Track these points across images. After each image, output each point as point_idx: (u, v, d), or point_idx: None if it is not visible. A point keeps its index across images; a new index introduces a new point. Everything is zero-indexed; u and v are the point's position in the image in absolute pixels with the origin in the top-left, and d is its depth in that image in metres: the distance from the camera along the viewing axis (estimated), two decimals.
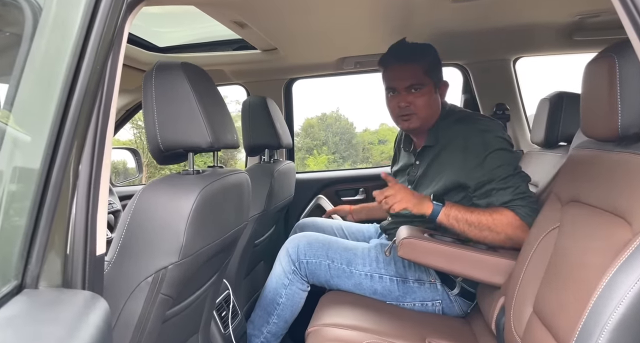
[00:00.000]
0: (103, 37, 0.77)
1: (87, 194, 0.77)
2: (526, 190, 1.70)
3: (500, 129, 1.82)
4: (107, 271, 1.00)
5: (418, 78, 1.87)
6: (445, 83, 1.94)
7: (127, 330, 0.99)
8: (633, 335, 0.83)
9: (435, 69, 1.91)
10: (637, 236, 0.90)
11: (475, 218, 1.68)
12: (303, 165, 16.78)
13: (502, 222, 1.66)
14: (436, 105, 1.92)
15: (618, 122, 1.03)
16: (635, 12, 0.78)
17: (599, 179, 1.16)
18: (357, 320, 1.73)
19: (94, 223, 0.79)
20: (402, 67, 1.89)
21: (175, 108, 1.14)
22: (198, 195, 1.07)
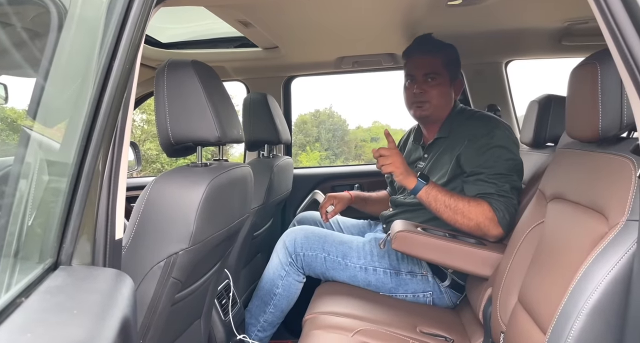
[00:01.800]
0: (133, 38, 0.84)
1: (108, 185, 0.85)
2: (509, 192, 1.79)
3: (510, 131, 1.93)
4: (123, 255, 1.07)
5: (436, 68, 2.01)
6: (460, 81, 2.06)
7: (141, 310, 1.07)
8: (605, 319, 0.91)
9: (454, 65, 2.04)
10: (612, 229, 0.98)
11: (453, 202, 1.79)
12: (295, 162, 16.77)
13: (476, 210, 1.77)
14: (449, 98, 2.05)
15: (599, 125, 1.11)
16: (613, 24, 0.85)
17: (581, 177, 1.25)
18: (351, 308, 1.81)
19: (114, 211, 0.86)
20: (422, 58, 2.04)
21: (186, 103, 1.21)
22: (207, 186, 1.14)
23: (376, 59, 2.55)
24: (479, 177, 1.83)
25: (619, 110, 1.07)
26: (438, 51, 2.03)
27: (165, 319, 1.14)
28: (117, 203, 0.89)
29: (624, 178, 1.00)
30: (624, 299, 0.89)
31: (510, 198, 1.78)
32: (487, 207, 1.77)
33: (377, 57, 2.54)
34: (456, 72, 2.06)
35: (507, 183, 1.79)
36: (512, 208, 1.77)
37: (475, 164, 1.85)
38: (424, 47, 2.06)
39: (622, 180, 1.00)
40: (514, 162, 1.85)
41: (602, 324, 0.92)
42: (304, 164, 15.92)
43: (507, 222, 1.76)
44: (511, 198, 1.78)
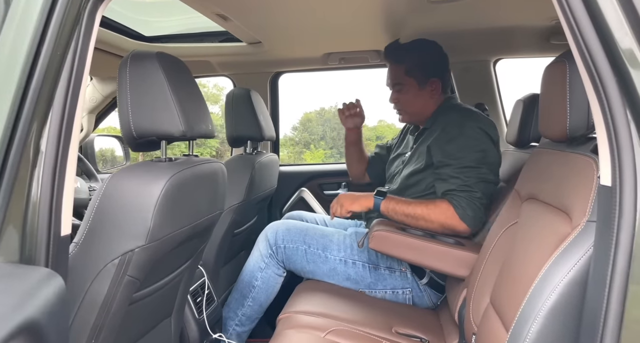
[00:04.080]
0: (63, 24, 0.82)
1: (53, 175, 0.82)
2: (473, 186, 1.75)
3: (489, 126, 1.89)
4: (74, 252, 1.05)
5: (398, 78, 2.01)
6: (434, 81, 2.00)
7: (92, 310, 1.04)
8: (562, 321, 0.89)
9: (420, 69, 2.00)
10: (574, 230, 0.96)
11: (411, 210, 1.80)
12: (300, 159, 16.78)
13: (435, 211, 1.77)
14: (425, 100, 2.02)
15: (567, 124, 1.09)
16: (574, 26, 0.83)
17: (552, 178, 1.22)
18: (328, 308, 1.79)
19: (59, 204, 0.83)
20: (389, 67, 2.06)
21: (149, 96, 1.18)
22: (167, 181, 1.12)
23: (363, 55, 2.52)
24: (445, 171, 1.81)
25: (586, 110, 1.04)
26: (400, 60, 2.02)
27: (121, 319, 1.12)
28: (63, 197, 0.87)
29: (588, 179, 0.97)
30: (581, 301, 0.86)
31: (473, 192, 1.74)
32: (446, 205, 1.75)
33: (364, 54, 2.51)
34: (426, 74, 2.00)
35: (473, 176, 1.76)
36: (476, 202, 1.74)
37: (443, 154, 1.83)
38: (388, 56, 2.06)
39: (586, 180, 0.97)
40: (484, 154, 1.81)
41: (559, 326, 0.89)
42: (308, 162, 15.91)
43: (471, 217, 1.73)
44: (474, 192, 1.74)
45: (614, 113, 0.77)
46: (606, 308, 0.76)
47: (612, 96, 0.78)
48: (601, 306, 0.77)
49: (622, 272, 0.74)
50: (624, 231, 0.74)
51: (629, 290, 0.74)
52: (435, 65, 2.04)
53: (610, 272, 0.75)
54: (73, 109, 0.89)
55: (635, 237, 0.74)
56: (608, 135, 0.78)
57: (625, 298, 0.74)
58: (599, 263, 0.80)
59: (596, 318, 0.78)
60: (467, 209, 1.73)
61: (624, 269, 0.74)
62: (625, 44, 0.77)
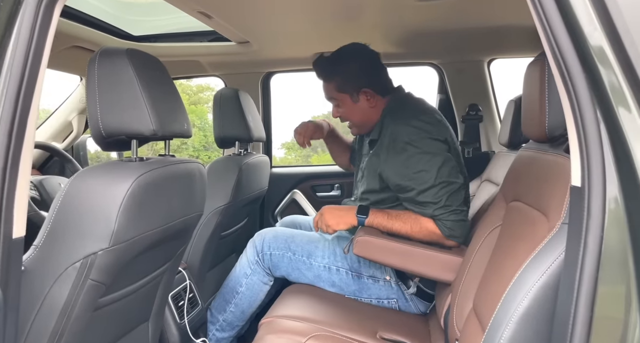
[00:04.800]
0: None
1: (3, 175, 0.79)
2: (447, 201, 1.67)
3: (433, 125, 1.77)
4: (34, 255, 1.01)
5: (332, 94, 1.97)
6: (365, 91, 1.90)
7: (51, 316, 1.00)
8: (535, 327, 0.85)
9: (348, 83, 1.91)
10: (550, 232, 0.92)
11: (396, 230, 1.75)
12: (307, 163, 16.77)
13: (422, 233, 1.72)
14: (364, 111, 1.94)
15: (545, 124, 1.05)
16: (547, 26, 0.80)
17: (533, 179, 1.18)
18: (312, 312, 1.75)
19: (10, 204, 0.80)
20: (322, 84, 2.01)
21: (118, 94, 1.15)
22: (134, 181, 1.08)
23: None
24: (410, 196, 1.72)
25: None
26: (328, 77, 1.96)
27: (85, 325, 1.08)
28: (14, 196, 0.84)
29: (563, 180, 0.93)
30: (554, 306, 0.82)
31: (451, 208, 1.67)
32: (432, 226, 1.70)
33: None
34: (356, 86, 1.91)
35: (442, 193, 1.68)
36: (459, 215, 1.68)
37: (400, 177, 1.73)
38: (317, 73, 2.00)
39: (562, 181, 0.94)
40: (440, 163, 1.69)
41: (531, 332, 0.86)
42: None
43: (458, 233, 1.69)
44: (451, 207, 1.67)
45: (583, 111, 0.73)
46: (574, 314, 0.72)
47: (581, 94, 0.74)
48: (569, 311, 0.73)
49: (590, 276, 0.70)
50: (591, 233, 0.70)
51: (597, 294, 0.70)
52: (363, 74, 1.92)
53: (578, 275, 0.72)
54: (27, 106, 0.86)
55: (604, 239, 0.70)
56: (577, 134, 0.75)
57: (593, 303, 0.71)
58: (569, 267, 0.76)
59: (565, 324, 0.74)
60: (455, 230, 1.68)
61: (592, 273, 0.70)
62: (594, 40, 0.73)
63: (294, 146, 18.86)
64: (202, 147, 14.36)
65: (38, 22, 0.90)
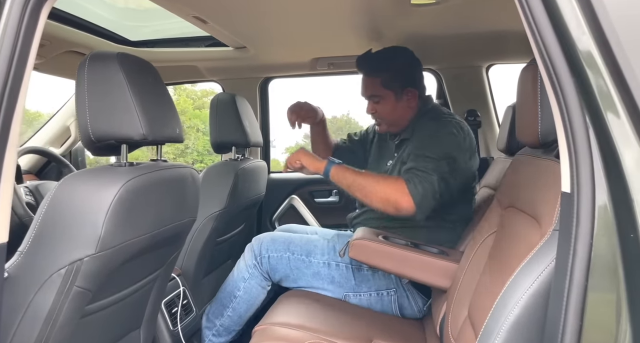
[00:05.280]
0: None
1: None
2: (429, 170, 1.68)
3: (463, 131, 1.82)
4: (18, 261, 1.00)
5: (375, 90, 1.96)
6: (409, 90, 1.93)
7: (35, 323, 0.99)
8: (526, 336, 0.83)
9: (397, 79, 1.93)
10: (542, 239, 0.90)
11: (362, 178, 1.76)
12: None
13: (386, 182, 1.73)
14: (402, 110, 1.96)
15: (538, 129, 1.04)
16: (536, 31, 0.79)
17: (527, 185, 1.17)
18: (307, 319, 1.73)
19: None
20: (364, 79, 2.00)
21: (108, 98, 1.14)
22: (122, 186, 1.07)
23: (351, 60, 2.45)
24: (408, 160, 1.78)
25: None
26: (375, 72, 1.96)
27: (70, 332, 1.06)
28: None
29: (555, 186, 0.91)
30: (545, 315, 0.81)
31: (429, 175, 1.67)
32: (400, 181, 1.70)
33: (352, 59, 2.44)
34: (402, 84, 1.94)
35: (431, 163, 1.70)
36: (429, 184, 1.66)
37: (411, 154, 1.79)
38: (361, 67, 2.00)
39: (554, 187, 0.92)
40: (446, 152, 1.74)
41: (522, 341, 0.84)
42: None
43: (420, 193, 1.65)
44: (430, 175, 1.67)
45: (572, 117, 0.72)
46: (564, 322, 0.70)
47: (570, 99, 0.73)
48: (559, 319, 0.71)
49: (579, 283, 0.68)
50: (581, 241, 0.69)
51: (587, 303, 0.68)
52: (410, 74, 1.97)
53: (568, 283, 0.70)
54: (11, 109, 0.85)
55: (594, 246, 0.68)
56: (567, 140, 0.73)
57: (583, 311, 0.69)
58: (559, 274, 0.75)
59: (555, 333, 0.72)
60: (418, 186, 1.66)
61: (581, 281, 0.68)
62: (583, 44, 0.72)
63: None
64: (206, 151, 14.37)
65: (24, 25, 0.89)
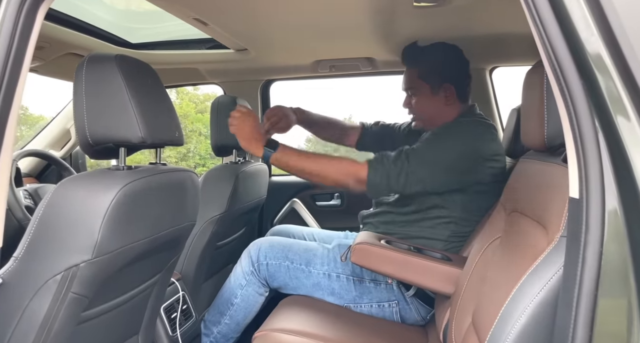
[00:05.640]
0: None
1: None
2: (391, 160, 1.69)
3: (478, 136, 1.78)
4: (13, 267, 0.98)
5: (412, 82, 1.93)
6: (447, 86, 1.89)
7: (31, 330, 0.97)
8: None
9: (434, 73, 1.90)
10: (549, 246, 0.88)
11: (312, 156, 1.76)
12: None
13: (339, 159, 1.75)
14: (437, 107, 1.91)
15: (545, 132, 1.01)
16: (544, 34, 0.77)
17: (532, 190, 1.15)
18: (308, 326, 1.71)
19: None
20: (405, 70, 1.98)
21: (106, 100, 1.12)
22: (119, 191, 1.05)
23: (353, 63, 2.45)
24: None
25: None
26: (414, 63, 1.94)
27: (66, 339, 1.04)
28: None
29: (563, 191, 0.89)
30: (552, 324, 0.78)
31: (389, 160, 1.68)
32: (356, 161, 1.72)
33: (354, 61, 2.44)
34: (439, 78, 1.90)
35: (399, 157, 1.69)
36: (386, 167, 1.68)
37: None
38: (404, 58, 1.98)
39: (561, 192, 0.90)
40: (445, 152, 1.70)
41: None
42: None
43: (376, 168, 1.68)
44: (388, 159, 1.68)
45: (581, 120, 0.70)
46: (573, 332, 0.68)
47: (578, 102, 0.70)
48: (568, 329, 0.69)
49: (589, 292, 0.66)
50: (590, 248, 0.66)
51: (597, 311, 0.66)
52: (451, 70, 1.92)
53: (577, 291, 0.67)
54: (6, 111, 0.84)
55: (604, 253, 0.66)
56: (575, 143, 0.71)
57: (593, 320, 0.66)
58: (568, 282, 0.72)
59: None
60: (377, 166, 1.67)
61: (591, 289, 0.66)
62: (591, 46, 0.70)
63: None
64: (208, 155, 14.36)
65: (19, 25, 0.87)
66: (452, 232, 1.81)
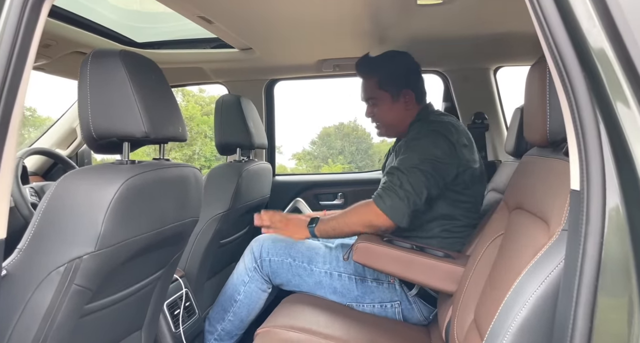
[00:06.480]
0: None
1: None
2: (395, 185, 1.70)
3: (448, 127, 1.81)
4: (17, 259, 0.98)
5: (372, 92, 1.98)
6: (406, 92, 1.94)
7: (34, 321, 0.97)
8: (533, 339, 0.80)
9: (392, 81, 1.94)
10: (550, 240, 0.88)
11: (341, 219, 1.79)
12: None
13: (357, 209, 1.78)
14: (399, 113, 1.97)
15: (547, 127, 1.01)
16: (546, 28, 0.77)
17: (535, 185, 1.14)
18: (311, 323, 1.71)
19: None
20: (362, 81, 2.02)
21: (110, 95, 1.13)
22: (123, 184, 1.06)
23: None
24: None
25: None
26: (370, 73, 1.98)
27: (70, 331, 1.04)
28: None
29: (565, 185, 0.89)
30: (552, 316, 0.78)
31: (394, 190, 1.69)
32: (368, 201, 1.74)
33: None
34: (398, 86, 1.94)
35: (398, 177, 1.70)
36: (394, 193, 1.68)
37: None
38: (359, 70, 2.02)
39: (563, 186, 0.89)
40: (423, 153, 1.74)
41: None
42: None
43: (389, 206, 1.68)
44: (394, 188, 1.69)
45: (582, 111, 0.70)
46: (573, 324, 0.68)
47: (580, 94, 0.70)
48: (568, 322, 0.69)
49: (589, 284, 0.66)
50: (591, 239, 0.66)
51: (597, 305, 0.66)
52: (407, 76, 1.98)
53: (577, 284, 0.67)
54: (10, 106, 0.84)
55: (604, 246, 0.66)
56: (576, 135, 0.71)
57: (593, 313, 0.66)
58: (568, 275, 0.72)
59: (564, 336, 0.70)
60: (386, 200, 1.68)
61: (591, 282, 0.66)
62: (593, 37, 0.70)
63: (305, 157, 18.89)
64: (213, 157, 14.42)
65: (24, 21, 0.88)
66: (442, 228, 1.84)
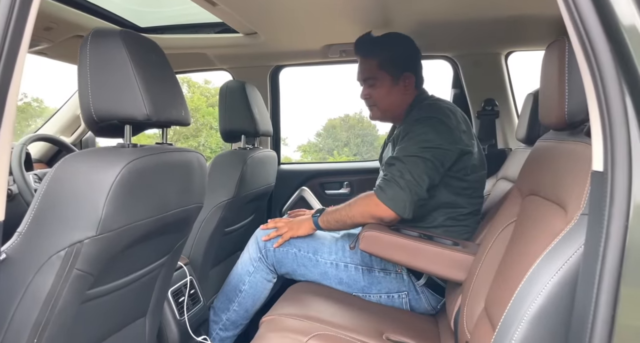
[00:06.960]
0: None
1: None
2: (395, 176, 1.66)
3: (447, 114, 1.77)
4: (17, 242, 0.96)
5: (372, 72, 1.91)
6: (407, 75, 1.89)
7: (34, 305, 0.95)
8: (550, 327, 0.77)
9: (394, 63, 1.89)
10: (568, 225, 0.84)
11: (344, 211, 1.77)
12: None
13: (359, 201, 1.73)
14: (397, 97, 1.91)
15: (565, 108, 0.97)
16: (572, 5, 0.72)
17: (551, 170, 1.10)
18: (315, 311, 1.68)
19: None
20: (361, 61, 1.96)
21: (111, 76, 1.10)
22: (124, 167, 1.02)
23: None
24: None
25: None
26: (372, 53, 1.91)
27: (71, 316, 1.02)
28: None
29: (584, 167, 0.85)
30: (571, 304, 0.74)
31: (395, 181, 1.65)
32: (369, 193, 1.71)
33: None
34: (400, 68, 1.89)
35: (398, 168, 1.66)
36: (395, 184, 1.64)
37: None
38: (359, 49, 1.95)
39: (582, 169, 0.85)
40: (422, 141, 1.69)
41: (546, 332, 0.77)
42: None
43: (390, 197, 1.64)
44: (395, 180, 1.65)
45: (607, 87, 0.66)
46: (594, 312, 0.64)
47: (605, 67, 0.66)
48: (589, 310, 0.65)
49: (612, 270, 0.62)
50: (614, 223, 0.62)
51: (620, 291, 0.62)
52: (409, 59, 1.93)
53: (599, 270, 0.64)
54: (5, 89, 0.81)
55: (629, 229, 0.62)
56: (600, 112, 0.67)
57: (616, 300, 0.63)
58: (589, 261, 0.68)
59: (584, 324, 0.66)
60: (387, 190, 1.64)
61: (614, 267, 0.62)
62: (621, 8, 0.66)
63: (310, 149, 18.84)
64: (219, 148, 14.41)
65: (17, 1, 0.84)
66: (446, 217, 1.80)
